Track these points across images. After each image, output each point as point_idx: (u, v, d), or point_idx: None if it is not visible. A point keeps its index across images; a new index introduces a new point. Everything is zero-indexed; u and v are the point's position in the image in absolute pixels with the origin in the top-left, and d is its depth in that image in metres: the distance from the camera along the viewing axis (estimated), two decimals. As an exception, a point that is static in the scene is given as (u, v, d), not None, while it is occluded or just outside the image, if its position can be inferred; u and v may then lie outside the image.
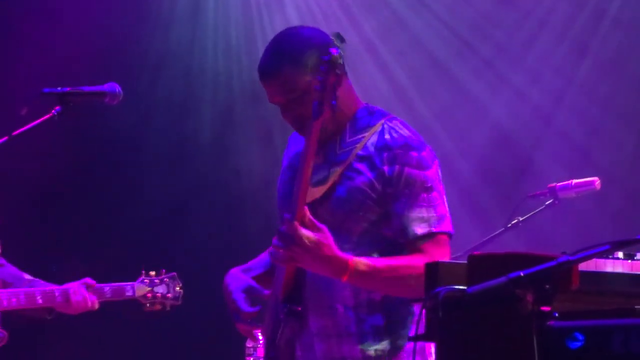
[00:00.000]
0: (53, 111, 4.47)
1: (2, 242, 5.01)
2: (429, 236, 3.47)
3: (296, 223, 3.36)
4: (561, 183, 5.41)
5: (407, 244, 3.49)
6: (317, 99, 3.36)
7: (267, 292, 3.63)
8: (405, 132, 3.57)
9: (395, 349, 3.51)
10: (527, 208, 5.50)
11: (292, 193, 3.45)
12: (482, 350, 2.68)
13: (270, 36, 3.76)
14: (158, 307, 4.79)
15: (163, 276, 4.79)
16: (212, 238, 6.91)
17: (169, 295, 4.55)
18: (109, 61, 6.64)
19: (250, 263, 3.78)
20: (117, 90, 4.73)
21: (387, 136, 3.55)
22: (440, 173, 3.57)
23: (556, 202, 5.41)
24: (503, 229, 5.43)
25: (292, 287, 3.53)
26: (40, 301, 4.76)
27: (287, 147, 3.84)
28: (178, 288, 4.74)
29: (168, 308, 4.82)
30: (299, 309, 3.52)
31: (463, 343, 2.72)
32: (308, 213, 3.40)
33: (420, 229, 3.47)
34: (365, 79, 7.05)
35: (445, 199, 3.55)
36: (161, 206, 6.92)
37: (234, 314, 3.64)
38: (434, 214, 3.49)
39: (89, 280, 4.74)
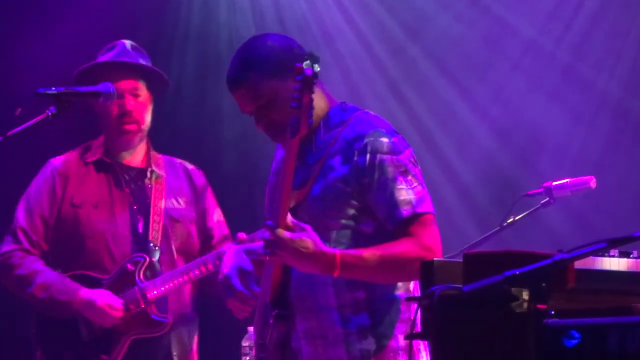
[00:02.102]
0: (47, 111, 4.46)
1: None
2: (414, 217, 3.48)
3: (279, 230, 3.38)
4: (556, 182, 5.40)
5: (395, 229, 3.50)
6: (293, 116, 3.39)
7: (257, 288, 3.63)
8: (375, 121, 3.60)
9: (380, 348, 3.52)
10: (522, 207, 5.50)
11: (275, 202, 3.49)
12: (478, 348, 2.68)
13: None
14: None
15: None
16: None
17: None
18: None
19: (253, 245, 3.80)
20: (111, 90, 4.72)
21: (357, 128, 3.57)
22: (414, 158, 3.58)
23: (551, 200, 5.41)
24: (498, 227, 5.43)
25: (279, 289, 3.55)
26: (210, 266, 4.70)
27: (275, 153, 3.85)
28: None
29: None
30: (287, 312, 3.53)
31: (459, 341, 2.71)
32: (290, 217, 3.42)
33: (404, 211, 3.48)
34: (359, 77, 7.07)
35: (422, 181, 3.56)
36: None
37: (224, 289, 3.66)
38: (414, 196, 3.51)
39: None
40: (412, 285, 3.60)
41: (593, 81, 6.97)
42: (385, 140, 3.53)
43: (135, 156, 4.93)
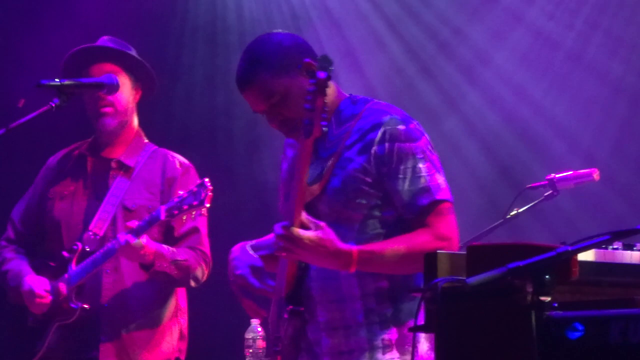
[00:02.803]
0: (51, 103, 4.46)
1: None
2: (433, 206, 3.49)
3: (295, 229, 3.39)
4: (560, 174, 5.41)
5: (414, 218, 3.50)
6: (307, 118, 3.37)
7: (271, 282, 3.62)
8: (390, 110, 3.60)
9: (402, 337, 3.53)
10: (526, 199, 5.50)
11: (289, 200, 3.49)
12: (481, 340, 2.67)
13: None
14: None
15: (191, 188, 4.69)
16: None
17: (195, 202, 4.51)
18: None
19: (259, 241, 3.78)
20: (115, 81, 4.74)
21: (372, 117, 3.57)
22: (431, 144, 3.58)
23: (555, 193, 5.41)
24: (502, 220, 5.43)
25: (294, 285, 3.55)
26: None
27: (284, 148, 3.85)
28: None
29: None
30: (302, 309, 3.54)
31: (462, 333, 2.71)
32: (305, 215, 3.42)
33: (424, 199, 3.49)
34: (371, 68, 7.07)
35: (440, 168, 3.57)
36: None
37: (239, 289, 3.64)
38: (432, 183, 3.51)
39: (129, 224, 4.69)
40: None
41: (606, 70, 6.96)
42: (402, 127, 3.53)
43: (116, 148, 4.94)
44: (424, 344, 3.52)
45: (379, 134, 3.52)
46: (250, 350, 5.04)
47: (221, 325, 6.60)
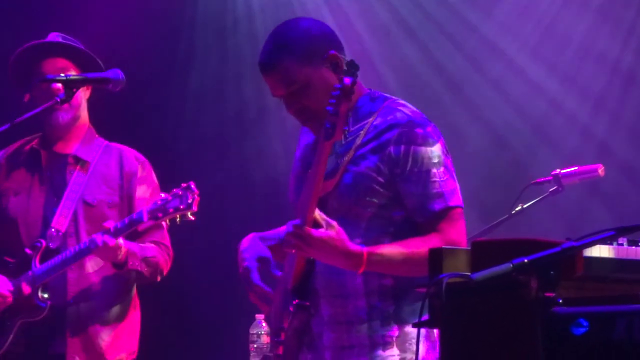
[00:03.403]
0: (56, 97, 4.46)
1: None
2: (445, 212, 3.49)
3: (307, 228, 3.38)
4: (565, 170, 5.41)
5: (425, 222, 3.50)
6: (329, 121, 3.34)
7: (278, 272, 3.62)
8: (407, 110, 3.58)
9: (402, 335, 3.52)
10: (531, 195, 5.49)
11: (302, 196, 3.47)
12: (486, 336, 2.68)
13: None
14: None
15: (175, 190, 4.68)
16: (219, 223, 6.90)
17: (182, 206, 4.48)
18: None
19: (268, 233, 3.78)
20: (120, 76, 4.72)
21: (389, 117, 3.55)
22: (446, 148, 3.57)
23: (560, 188, 5.41)
24: (507, 215, 5.42)
25: (301, 278, 3.55)
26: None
27: (299, 138, 3.84)
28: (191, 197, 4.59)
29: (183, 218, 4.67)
30: (307, 303, 3.54)
31: (467, 329, 2.71)
32: (318, 212, 3.41)
33: (437, 205, 3.48)
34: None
35: (453, 173, 3.56)
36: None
37: (246, 283, 3.64)
38: (446, 189, 3.50)
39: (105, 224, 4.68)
40: None
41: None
42: (419, 130, 3.51)
43: (69, 143, 4.91)
44: (423, 342, 3.50)
45: (396, 134, 3.50)
46: (255, 346, 5.05)
47: (226, 321, 6.61)
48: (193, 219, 4.53)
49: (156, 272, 4.82)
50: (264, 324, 4.99)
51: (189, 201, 4.43)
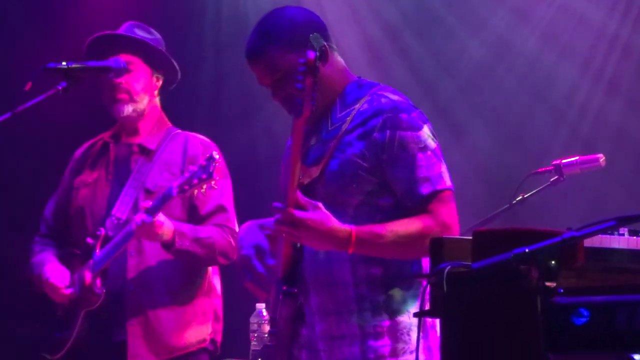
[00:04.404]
0: (58, 86, 4.46)
1: None
2: (434, 195, 3.48)
3: (290, 209, 3.38)
4: (566, 159, 5.41)
5: (414, 206, 3.49)
6: (298, 98, 3.37)
7: (271, 261, 3.62)
8: (393, 96, 3.59)
9: (393, 325, 3.51)
10: (532, 184, 5.49)
11: (285, 179, 3.50)
12: (487, 325, 2.68)
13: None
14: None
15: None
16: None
17: (204, 176, 4.48)
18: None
19: (267, 220, 3.75)
20: (122, 65, 4.74)
21: (375, 103, 3.56)
22: (433, 132, 3.56)
23: (561, 178, 5.41)
24: (508, 205, 5.43)
25: (290, 266, 3.54)
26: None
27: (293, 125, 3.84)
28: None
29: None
30: (295, 290, 3.54)
31: (468, 319, 2.72)
32: (301, 195, 3.41)
33: (424, 189, 3.48)
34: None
35: (441, 156, 3.55)
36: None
37: (243, 269, 3.64)
38: (434, 172, 3.50)
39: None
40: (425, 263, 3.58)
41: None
42: (404, 116, 3.51)
43: (137, 134, 4.95)
44: (415, 332, 3.49)
45: (381, 121, 3.51)
46: (256, 335, 5.05)
47: (226, 310, 6.61)
48: (217, 188, 4.52)
49: (214, 254, 4.76)
50: (264, 313, 4.99)
51: (210, 170, 4.41)
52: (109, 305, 4.71)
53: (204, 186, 4.47)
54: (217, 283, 4.96)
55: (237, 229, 4.82)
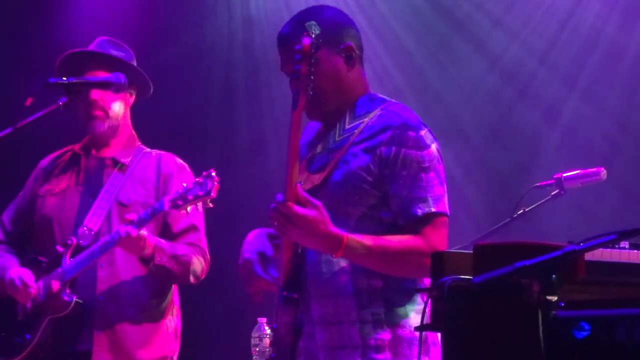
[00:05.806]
0: (59, 101, 4.47)
1: None
2: (428, 217, 3.48)
3: (290, 203, 3.39)
4: (567, 173, 5.42)
5: (407, 225, 3.50)
6: (294, 87, 3.41)
7: (275, 273, 3.62)
8: (403, 113, 3.60)
9: (395, 338, 3.51)
10: (533, 198, 5.50)
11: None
12: (488, 340, 2.68)
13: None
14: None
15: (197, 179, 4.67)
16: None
17: (201, 193, 4.47)
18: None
19: None
20: (122, 80, 4.74)
21: (384, 118, 3.57)
22: (439, 153, 3.57)
23: (562, 192, 5.41)
24: (509, 219, 5.43)
25: (291, 273, 3.54)
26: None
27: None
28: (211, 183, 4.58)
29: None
30: (296, 296, 3.53)
31: (469, 333, 2.72)
32: (301, 191, 3.42)
33: (419, 210, 3.48)
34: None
35: (443, 179, 3.56)
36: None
37: (245, 274, 3.65)
38: (432, 194, 3.50)
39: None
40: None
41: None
42: (412, 134, 3.52)
43: (109, 149, 4.96)
44: (416, 346, 3.49)
45: (388, 136, 3.52)
46: (257, 349, 5.05)
47: (228, 324, 6.61)
48: (212, 206, 4.50)
49: (187, 272, 4.77)
50: (266, 328, 4.99)
51: (208, 188, 4.41)
52: (76, 314, 4.71)
53: (199, 203, 4.48)
54: (177, 301, 4.99)
55: (206, 249, 4.89)
